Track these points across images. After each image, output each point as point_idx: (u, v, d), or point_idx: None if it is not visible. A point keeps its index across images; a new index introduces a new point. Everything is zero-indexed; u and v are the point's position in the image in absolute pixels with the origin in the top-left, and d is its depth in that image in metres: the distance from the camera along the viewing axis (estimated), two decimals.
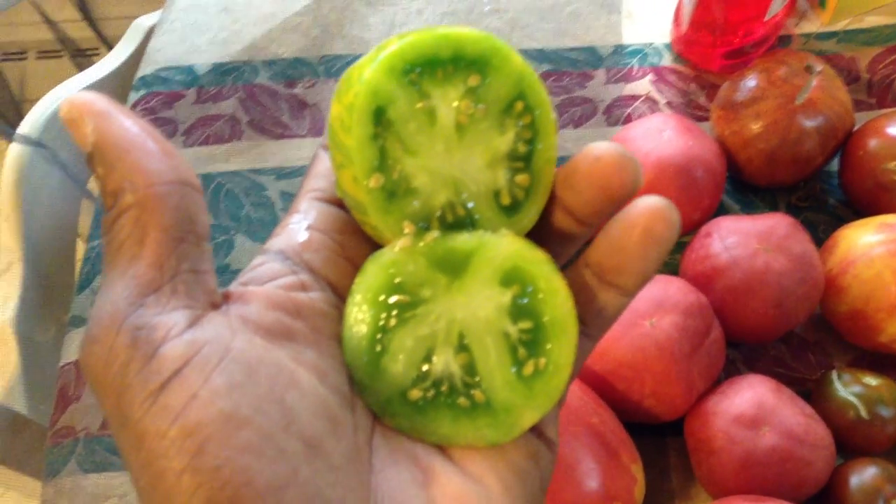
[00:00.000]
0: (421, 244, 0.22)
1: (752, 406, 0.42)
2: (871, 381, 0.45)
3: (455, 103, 0.21)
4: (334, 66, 0.62)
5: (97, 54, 1.49)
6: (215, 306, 0.20)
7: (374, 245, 0.23)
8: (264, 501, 0.17)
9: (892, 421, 0.44)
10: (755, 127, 0.51)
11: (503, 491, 0.21)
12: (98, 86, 0.69)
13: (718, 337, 0.45)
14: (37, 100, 0.64)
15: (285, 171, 0.58)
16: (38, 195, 0.56)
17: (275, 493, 0.17)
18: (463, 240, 0.22)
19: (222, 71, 0.62)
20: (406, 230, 0.22)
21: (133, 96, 0.61)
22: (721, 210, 0.55)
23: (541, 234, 0.23)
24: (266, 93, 0.61)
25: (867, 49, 0.61)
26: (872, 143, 0.51)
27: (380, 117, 0.21)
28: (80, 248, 0.57)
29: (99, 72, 0.70)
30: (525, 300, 0.22)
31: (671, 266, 0.53)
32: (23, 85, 1.57)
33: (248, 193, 0.57)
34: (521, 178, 0.22)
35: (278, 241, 0.23)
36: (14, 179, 0.54)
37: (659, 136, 0.51)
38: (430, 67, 0.21)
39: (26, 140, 0.54)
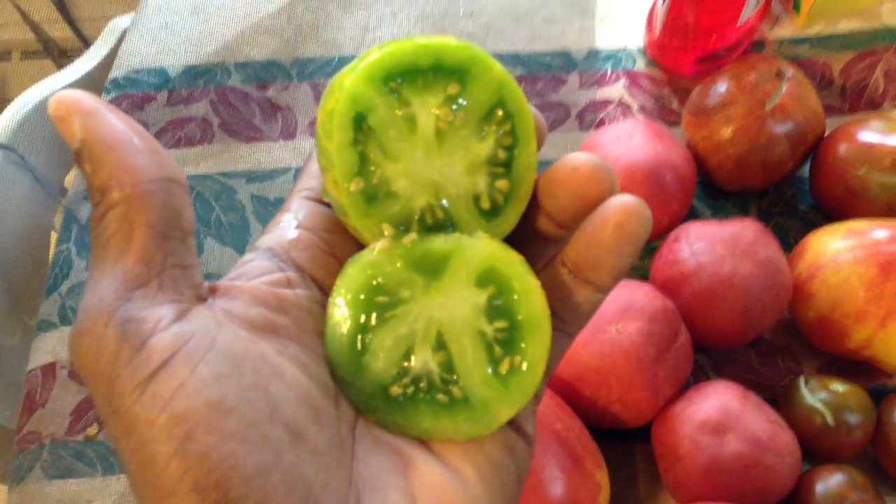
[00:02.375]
0: (399, 246, 0.22)
1: (718, 412, 0.42)
2: (839, 387, 0.45)
3: (435, 110, 0.22)
4: (307, 69, 0.62)
5: (80, 54, 1.49)
6: (201, 300, 0.21)
7: (362, 246, 0.23)
8: (249, 484, 0.18)
9: (859, 428, 0.44)
10: (725, 132, 0.51)
11: (480, 482, 0.22)
12: (73, 87, 0.68)
13: (685, 342, 0.45)
14: None
15: (256, 175, 0.58)
16: (7, 199, 0.56)
17: (260, 477, 0.18)
18: (440, 242, 0.23)
19: (194, 73, 0.61)
20: (385, 232, 0.22)
21: (104, 98, 0.61)
22: (692, 214, 0.55)
23: (522, 237, 0.24)
24: (238, 95, 0.61)
25: (841, 54, 0.61)
26: (842, 148, 0.51)
27: (360, 124, 0.22)
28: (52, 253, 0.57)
29: (74, 73, 0.70)
30: (500, 300, 0.22)
31: (641, 271, 0.53)
32: (4, 85, 1.56)
33: (219, 197, 0.57)
34: (501, 184, 0.23)
35: (268, 238, 0.24)
36: None
37: (629, 141, 0.51)
38: (410, 76, 0.22)
39: None
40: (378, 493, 0.21)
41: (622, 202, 0.21)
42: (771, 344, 0.50)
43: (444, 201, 0.23)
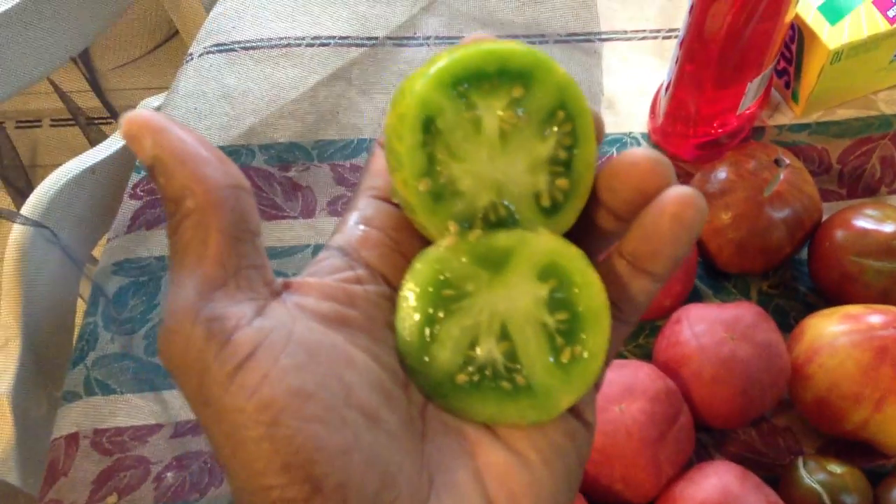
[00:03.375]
0: (465, 242, 0.24)
1: (718, 493, 0.43)
2: (836, 468, 0.46)
3: (499, 113, 0.23)
4: (327, 151, 0.65)
5: (108, 123, 1.54)
6: (275, 295, 0.23)
7: (428, 242, 0.25)
8: (333, 463, 0.20)
9: None
10: (725, 217, 0.54)
11: (543, 464, 0.23)
12: (104, 165, 0.72)
13: (687, 422, 0.47)
14: (47, 166, 0.66)
15: (276, 252, 0.60)
16: (38, 274, 0.58)
17: (342, 456, 0.20)
18: (503, 238, 0.24)
19: None
20: (451, 229, 0.24)
21: (134, 177, 0.64)
22: (695, 295, 0.57)
23: (582, 231, 0.25)
24: (261, 175, 0.64)
25: (838, 141, 0.64)
26: (839, 234, 0.53)
27: (429, 126, 0.23)
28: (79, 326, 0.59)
29: (107, 149, 0.74)
30: (561, 293, 0.24)
31: (645, 350, 0.55)
32: (34, 151, 1.61)
33: None
34: (562, 182, 0.24)
35: (338, 237, 0.25)
36: (15, 258, 0.57)
37: None
38: (476, 80, 0.23)
39: (28, 221, 0.57)
40: (448, 474, 0.23)
41: (679, 193, 0.22)
42: (772, 424, 0.52)
43: (507, 199, 0.24)
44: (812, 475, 0.46)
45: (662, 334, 0.51)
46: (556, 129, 0.24)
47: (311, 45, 0.71)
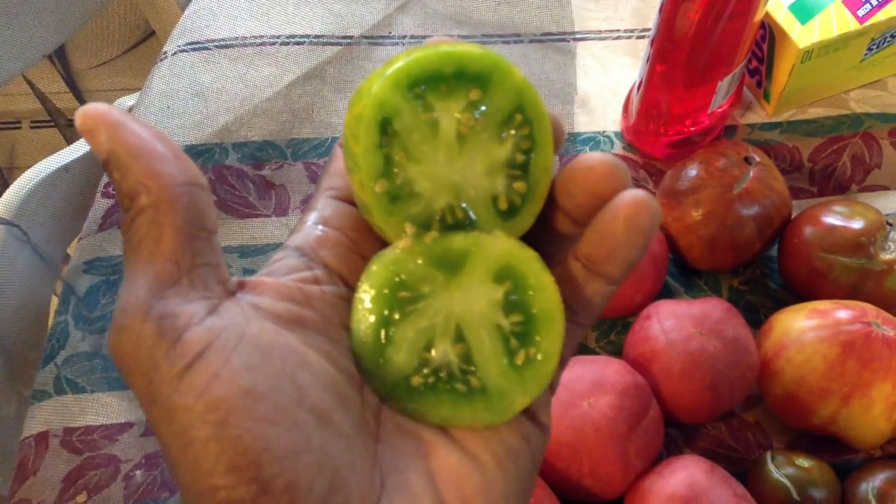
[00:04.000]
0: (421, 244, 0.24)
1: (685, 487, 0.44)
2: (804, 462, 0.46)
3: (457, 115, 0.23)
4: (301, 149, 0.65)
5: None
6: (230, 295, 0.22)
7: (386, 243, 0.25)
8: (282, 464, 0.20)
9: (824, 503, 0.45)
10: (695, 214, 0.54)
11: (497, 467, 0.24)
12: (78, 163, 0.71)
13: (656, 417, 0.47)
14: (25, 168, 0.66)
15: (249, 250, 0.60)
16: (9, 272, 0.58)
17: (290, 458, 0.20)
18: (459, 240, 0.24)
19: (193, 153, 0.64)
20: (408, 231, 0.24)
21: (105, 178, 0.64)
22: (666, 292, 0.57)
23: (540, 235, 0.25)
24: (234, 174, 0.64)
25: (809, 139, 0.64)
26: (808, 231, 0.53)
27: (385, 128, 0.23)
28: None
29: (80, 148, 0.73)
30: (516, 295, 0.24)
31: (616, 346, 0.55)
32: (13, 153, 1.60)
33: None
34: (519, 185, 0.24)
35: (296, 237, 0.25)
36: None
37: None
38: (433, 82, 0.23)
39: None
40: (400, 475, 0.23)
41: (632, 196, 0.22)
42: (742, 419, 0.52)
43: (464, 201, 0.24)
44: (780, 469, 0.46)
45: (632, 330, 0.51)
46: (513, 132, 0.24)
47: (286, 44, 0.71)
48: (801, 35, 0.60)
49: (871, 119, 0.65)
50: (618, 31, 0.72)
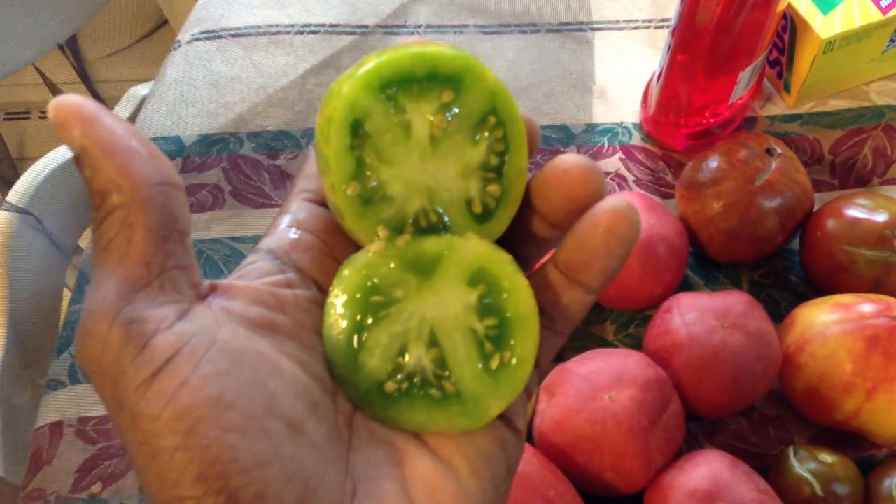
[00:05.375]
0: (393, 248, 0.23)
1: (708, 481, 0.43)
2: (827, 458, 0.46)
3: (430, 117, 0.23)
4: None
5: None
6: (201, 298, 0.22)
7: (359, 246, 0.24)
8: (250, 475, 0.19)
9: (847, 499, 0.45)
10: (716, 206, 0.53)
11: (471, 473, 0.23)
12: None
13: (677, 411, 0.46)
14: (35, 158, 0.66)
15: None
16: (23, 261, 0.58)
17: (259, 468, 0.19)
18: (432, 243, 0.24)
19: (208, 142, 0.64)
20: (380, 234, 0.23)
21: None
22: (686, 285, 0.57)
23: (517, 238, 0.25)
24: (249, 163, 0.63)
25: (830, 131, 0.64)
26: (830, 224, 0.52)
27: (357, 129, 0.22)
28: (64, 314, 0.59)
29: None
30: (490, 299, 0.24)
31: (635, 339, 0.54)
32: (22, 144, 1.60)
33: (227, 261, 0.59)
34: (493, 188, 0.24)
35: (269, 240, 0.24)
36: (0, 244, 0.56)
37: None
38: (406, 84, 0.23)
39: (13, 208, 0.56)
40: (373, 483, 0.22)
41: (613, 205, 0.22)
42: (763, 414, 0.52)
43: (438, 204, 0.24)
44: (803, 464, 0.45)
45: (653, 323, 0.51)
46: (487, 134, 0.24)
47: (301, 33, 0.70)
48: (824, 26, 0.59)
49: (892, 111, 0.64)
50: (636, 20, 0.71)
